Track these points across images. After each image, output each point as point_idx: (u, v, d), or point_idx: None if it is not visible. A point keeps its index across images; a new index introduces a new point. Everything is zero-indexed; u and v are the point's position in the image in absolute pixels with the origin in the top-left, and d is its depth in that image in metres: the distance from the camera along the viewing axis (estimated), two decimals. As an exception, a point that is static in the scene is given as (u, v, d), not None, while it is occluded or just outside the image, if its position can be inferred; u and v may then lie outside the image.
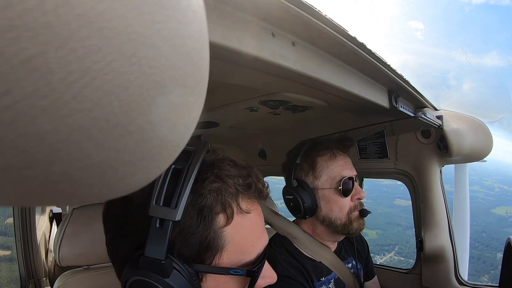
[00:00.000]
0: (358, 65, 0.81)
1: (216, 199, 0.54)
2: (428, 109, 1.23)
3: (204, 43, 0.23)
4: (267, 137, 1.91)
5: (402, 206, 37.36)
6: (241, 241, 0.56)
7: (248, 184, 0.58)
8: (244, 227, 0.57)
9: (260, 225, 0.62)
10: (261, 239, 0.61)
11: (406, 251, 29.21)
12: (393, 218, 35.83)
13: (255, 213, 0.60)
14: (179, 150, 0.24)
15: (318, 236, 1.14)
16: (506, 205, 44.02)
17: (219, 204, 0.54)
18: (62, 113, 0.16)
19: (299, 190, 1.09)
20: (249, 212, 0.58)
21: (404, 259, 27.50)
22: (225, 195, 0.55)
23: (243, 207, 0.57)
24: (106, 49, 0.16)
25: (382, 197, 39.27)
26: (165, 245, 0.49)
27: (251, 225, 0.58)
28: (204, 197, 0.53)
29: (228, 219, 0.55)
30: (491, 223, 37.32)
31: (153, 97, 0.19)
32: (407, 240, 31.17)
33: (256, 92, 1.00)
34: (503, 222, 39.43)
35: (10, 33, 0.13)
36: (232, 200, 0.56)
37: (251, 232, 0.58)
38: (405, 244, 30.32)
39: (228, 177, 0.56)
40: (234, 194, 0.56)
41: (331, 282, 1.10)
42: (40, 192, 0.19)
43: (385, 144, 1.44)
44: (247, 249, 0.57)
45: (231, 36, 0.50)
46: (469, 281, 1.34)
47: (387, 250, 29.45)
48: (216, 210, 0.54)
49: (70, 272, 1.14)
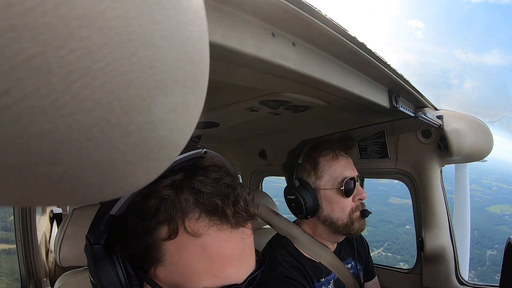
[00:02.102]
0: (358, 65, 0.81)
1: (164, 207, 0.49)
2: (428, 109, 1.23)
3: (205, 43, 0.23)
4: (268, 137, 1.91)
5: (396, 204, 37.42)
6: (181, 264, 0.49)
7: (215, 205, 0.49)
8: (189, 250, 0.49)
9: (221, 256, 0.50)
10: (217, 274, 0.50)
11: (394, 248, 29.33)
12: (385, 216, 35.89)
13: (212, 239, 0.50)
14: (179, 150, 0.24)
15: (319, 236, 1.14)
16: (503, 203, 44.03)
17: (166, 214, 0.49)
18: (62, 113, 0.16)
19: (301, 190, 1.09)
20: (198, 235, 0.49)
21: (392, 255, 27.66)
22: (173, 206, 0.49)
23: (190, 228, 0.49)
24: (107, 49, 0.16)
25: (377, 195, 39.30)
26: (97, 233, 0.51)
27: (200, 251, 0.49)
28: (152, 200, 0.49)
29: (171, 233, 0.49)
30: (484, 221, 37.33)
31: (154, 97, 0.19)
32: (396, 237, 31.32)
33: (257, 92, 1.00)
34: (497, 220, 39.46)
35: (11, 33, 0.13)
36: (178, 215, 0.49)
37: (199, 259, 0.49)
38: (394, 241, 30.47)
39: (191, 189, 0.50)
40: (183, 210, 0.49)
41: (331, 282, 1.10)
42: (40, 192, 0.19)
43: (386, 144, 1.44)
44: (189, 276, 0.49)
45: (231, 36, 0.50)
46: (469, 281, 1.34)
47: (376, 247, 29.48)
48: (161, 218, 0.49)
49: (70, 272, 1.14)
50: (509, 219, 39.41)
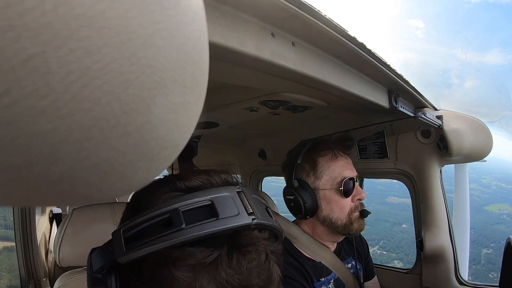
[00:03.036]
0: (358, 65, 0.81)
1: None
2: (428, 109, 1.23)
3: (204, 43, 0.23)
4: (267, 137, 1.91)
5: (394, 204, 37.41)
6: None
7: None
8: None
9: None
10: None
11: (389, 246, 29.46)
12: (382, 215, 35.91)
13: None
14: (179, 150, 0.24)
15: (318, 237, 1.14)
16: (501, 202, 43.99)
17: None
18: (61, 113, 0.16)
19: (300, 190, 1.09)
20: None
21: (387, 253, 27.87)
22: None
23: None
24: (106, 49, 0.16)
25: (375, 195, 39.36)
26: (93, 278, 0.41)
27: None
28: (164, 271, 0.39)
29: None
30: (481, 220, 37.35)
31: (153, 97, 0.19)
32: (392, 236, 31.49)
33: (256, 92, 1.00)
34: (494, 219, 39.46)
35: (10, 33, 0.13)
36: None
37: None
38: (389, 240, 30.65)
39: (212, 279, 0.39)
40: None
41: (331, 282, 1.10)
42: (40, 192, 0.19)
43: (385, 144, 1.44)
44: None
45: (231, 36, 0.50)
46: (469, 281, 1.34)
47: (371, 245, 29.78)
48: None
49: (70, 272, 1.14)
50: (506, 218, 39.46)
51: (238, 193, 0.43)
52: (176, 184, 0.44)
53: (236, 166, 2.44)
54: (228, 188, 0.43)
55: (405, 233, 29.91)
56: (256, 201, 0.45)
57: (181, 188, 0.44)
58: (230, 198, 0.42)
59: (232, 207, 0.41)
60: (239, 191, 0.44)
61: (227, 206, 0.40)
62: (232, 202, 0.41)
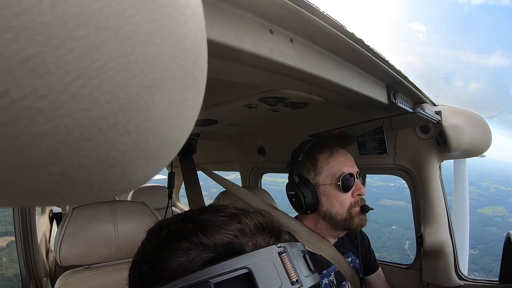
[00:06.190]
0: (356, 61, 0.81)
1: None
2: (427, 104, 1.23)
3: (202, 41, 0.23)
4: (266, 134, 1.91)
5: (387, 206, 37.89)
6: None
7: None
8: None
9: None
10: None
11: (374, 245, 30.21)
12: (373, 217, 36.40)
13: None
14: (179, 148, 0.24)
15: (320, 231, 1.16)
16: (496, 205, 44.27)
17: None
18: (60, 113, 0.16)
19: (300, 186, 1.12)
20: None
21: None
22: None
23: None
24: (104, 48, 0.16)
25: (368, 197, 40.78)
26: None
27: None
28: None
29: None
30: (472, 222, 37.97)
31: (152, 96, 0.19)
32: (378, 236, 32.34)
33: (255, 89, 1.00)
34: (487, 221, 39.91)
35: (8, 33, 0.13)
36: None
37: None
38: (376, 240, 31.50)
39: None
40: None
41: (332, 274, 1.12)
42: (39, 192, 0.19)
43: (384, 140, 1.44)
44: None
45: (229, 33, 0.50)
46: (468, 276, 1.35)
47: None
48: None
49: (71, 271, 1.15)
50: (499, 220, 39.81)
51: (280, 254, 0.36)
52: (200, 238, 0.36)
53: (236, 163, 2.44)
54: (268, 250, 0.36)
55: (393, 234, 30.98)
56: (298, 258, 0.39)
57: (209, 244, 0.36)
58: (271, 263, 0.35)
59: (274, 276, 0.34)
60: (281, 251, 0.36)
61: (267, 276, 0.33)
62: (273, 269, 0.34)
